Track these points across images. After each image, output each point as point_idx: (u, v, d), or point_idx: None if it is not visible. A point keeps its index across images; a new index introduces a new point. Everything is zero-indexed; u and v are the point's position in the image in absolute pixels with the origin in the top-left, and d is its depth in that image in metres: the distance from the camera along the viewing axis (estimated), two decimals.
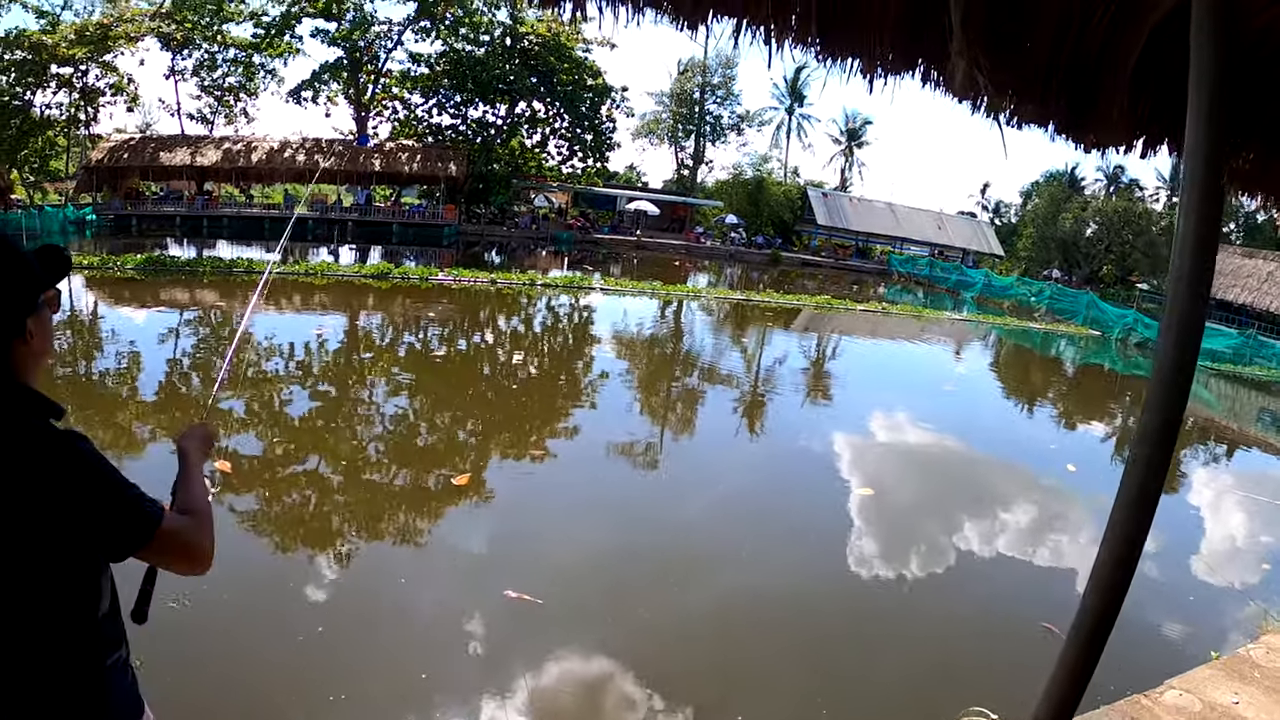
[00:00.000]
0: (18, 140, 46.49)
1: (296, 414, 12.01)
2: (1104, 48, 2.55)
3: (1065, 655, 2.03)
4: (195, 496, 2.20)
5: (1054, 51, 2.58)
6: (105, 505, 1.89)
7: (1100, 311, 35.12)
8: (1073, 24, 2.49)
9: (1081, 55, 2.58)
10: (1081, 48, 2.55)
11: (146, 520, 1.95)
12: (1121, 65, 2.58)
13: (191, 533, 2.05)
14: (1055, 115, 2.90)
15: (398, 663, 5.74)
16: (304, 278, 25.85)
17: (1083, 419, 18.10)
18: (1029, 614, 7.40)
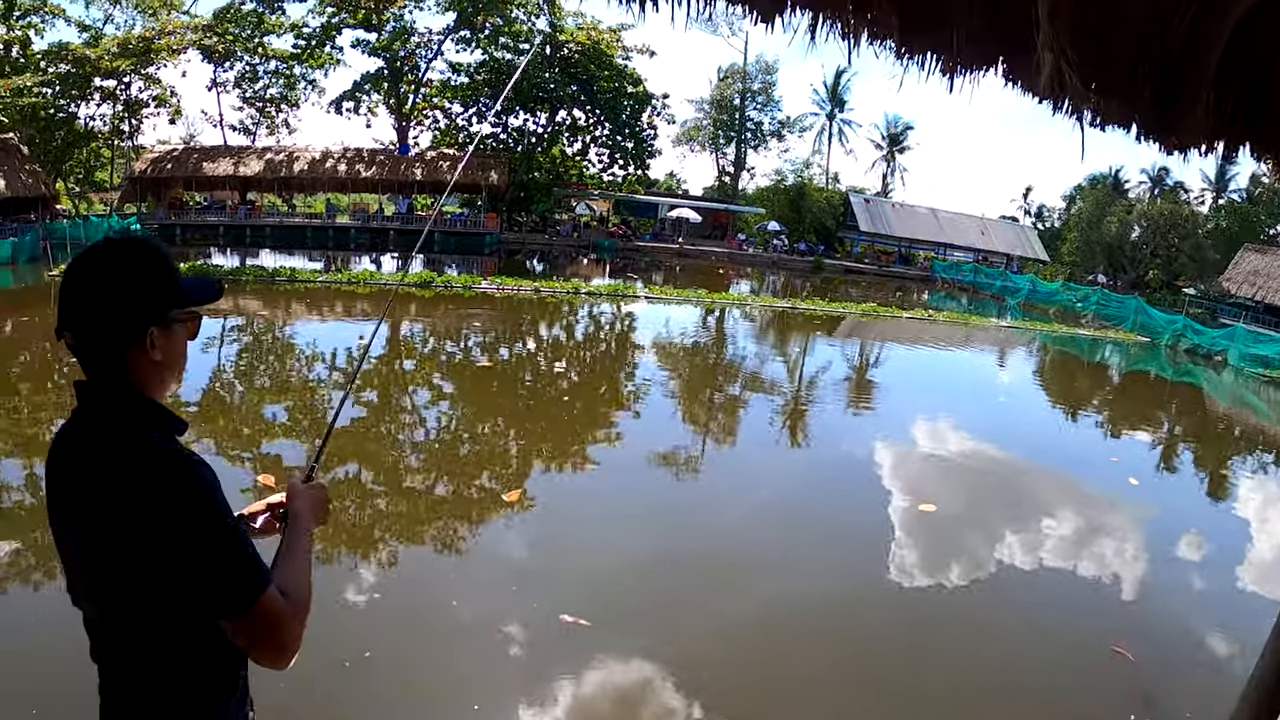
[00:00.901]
0: (63, 151, 47.38)
1: (340, 423, 11.95)
2: (1188, 42, 2.40)
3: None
4: (301, 575, 1.99)
5: (1140, 47, 2.43)
6: (205, 552, 1.76)
7: (1148, 317, 34.62)
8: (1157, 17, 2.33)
9: (1166, 51, 2.42)
10: (1166, 42, 2.40)
11: (250, 587, 1.78)
12: (1205, 61, 2.43)
13: (289, 622, 1.84)
14: (1140, 114, 2.75)
15: (448, 693, 5.63)
16: (347, 286, 25.98)
17: (1139, 429, 17.76)
18: (1095, 636, 7.15)
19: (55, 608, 6.38)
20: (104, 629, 1.87)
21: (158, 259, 1.93)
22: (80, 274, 1.87)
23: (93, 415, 1.86)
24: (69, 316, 1.88)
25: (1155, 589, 8.58)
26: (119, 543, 1.74)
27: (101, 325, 1.87)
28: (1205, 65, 2.47)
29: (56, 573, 6.81)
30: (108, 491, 1.75)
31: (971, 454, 13.15)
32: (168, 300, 1.92)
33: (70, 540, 1.86)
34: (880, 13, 2.45)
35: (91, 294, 1.86)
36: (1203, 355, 30.33)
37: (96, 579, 1.82)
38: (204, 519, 1.76)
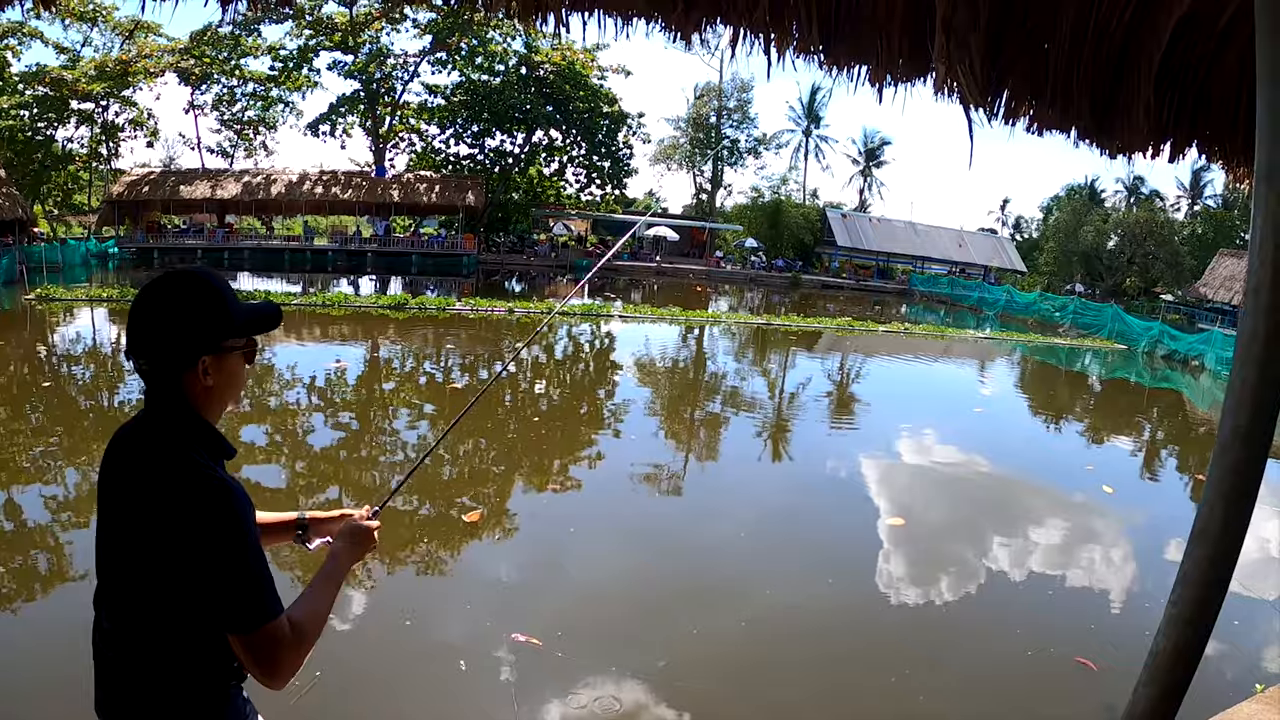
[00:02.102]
0: (40, 174, 47.47)
1: (317, 445, 11.94)
2: (1126, 45, 2.41)
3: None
4: (318, 611, 2.11)
5: (1074, 51, 2.44)
6: (224, 572, 1.89)
7: (1125, 325, 34.82)
8: (1092, 20, 2.35)
9: (1103, 54, 2.44)
10: (1103, 46, 2.41)
11: (259, 612, 1.90)
12: (1145, 63, 2.44)
13: (288, 651, 1.94)
14: (1077, 120, 2.76)
15: (402, 715, 5.58)
16: (322, 309, 25.93)
17: (1115, 436, 17.79)
18: (1061, 646, 7.13)
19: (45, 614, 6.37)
20: (116, 625, 2.00)
21: (211, 291, 2.05)
22: (141, 305, 2.01)
23: (149, 428, 2.01)
24: (131, 343, 2.01)
25: (1123, 596, 8.58)
26: (148, 550, 1.90)
27: (158, 353, 2.00)
28: (1146, 67, 2.48)
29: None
30: (146, 502, 1.90)
31: (946, 466, 13.15)
32: (220, 330, 2.05)
33: (105, 539, 2.02)
34: (801, 27, 2.46)
35: (149, 324, 2.00)
36: (1180, 361, 30.51)
37: (119, 577, 1.98)
38: (231, 541, 1.89)
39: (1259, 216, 1.54)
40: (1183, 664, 1.68)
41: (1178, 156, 2.94)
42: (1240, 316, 1.62)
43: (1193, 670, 1.69)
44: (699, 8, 2.48)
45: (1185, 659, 1.68)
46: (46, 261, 32.83)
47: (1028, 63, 2.55)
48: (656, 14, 2.57)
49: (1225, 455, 1.64)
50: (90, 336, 21.08)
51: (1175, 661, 1.69)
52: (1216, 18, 2.32)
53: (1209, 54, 2.49)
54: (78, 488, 9.46)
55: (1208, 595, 1.69)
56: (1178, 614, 1.71)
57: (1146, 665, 1.73)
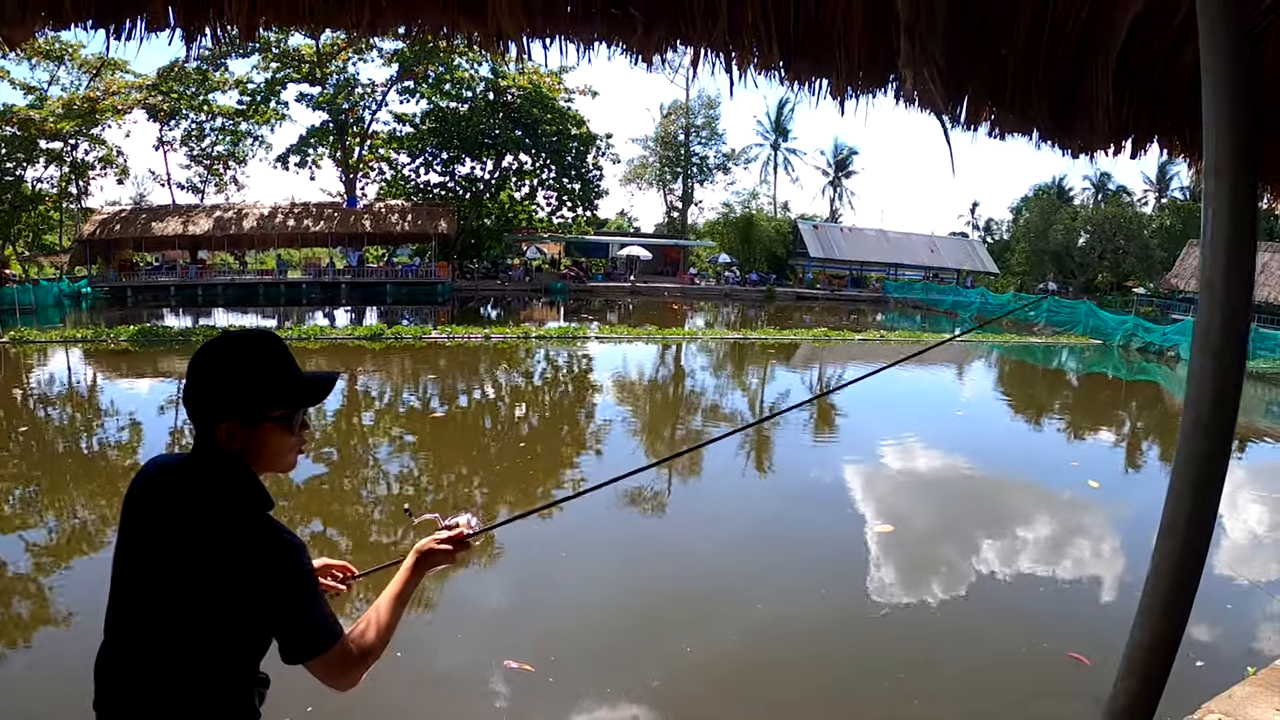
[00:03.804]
0: (10, 215, 47.15)
1: (293, 478, 11.86)
2: (1083, 44, 2.45)
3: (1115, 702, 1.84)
4: (386, 629, 2.31)
5: (1031, 54, 2.48)
6: (294, 617, 2.07)
7: (1099, 320, 35.10)
8: (1048, 22, 2.39)
9: (1060, 55, 2.48)
10: (1059, 48, 2.45)
11: (323, 642, 2.08)
12: (1103, 61, 2.48)
13: (352, 667, 2.16)
14: (1038, 122, 2.79)
15: None
16: (298, 342, 25.84)
17: (1097, 431, 17.91)
18: (1053, 642, 7.17)
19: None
20: (148, 648, 2.06)
21: (246, 358, 2.18)
22: (193, 362, 2.16)
23: (201, 474, 2.11)
24: (185, 395, 2.17)
25: (1114, 590, 8.63)
26: (212, 591, 2.01)
27: (191, 409, 2.15)
28: (1104, 65, 2.52)
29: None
30: (214, 550, 2.01)
31: (931, 470, 13.20)
32: (245, 399, 2.13)
33: (140, 570, 2.08)
34: (761, 45, 2.49)
35: (190, 378, 2.15)
36: (1155, 352, 30.78)
37: (160, 607, 2.04)
38: (303, 591, 2.08)
39: (1209, 210, 1.57)
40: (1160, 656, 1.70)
41: (1139, 152, 2.97)
42: (1196, 310, 1.65)
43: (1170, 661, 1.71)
44: (658, 30, 2.51)
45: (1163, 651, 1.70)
46: (19, 303, 32.67)
47: (986, 67, 2.58)
48: (616, 37, 2.59)
49: (1188, 446, 1.66)
50: (65, 378, 20.94)
51: (1153, 654, 1.71)
52: (1171, 15, 2.35)
53: (1165, 51, 2.53)
54: (57, 530, 9.40)
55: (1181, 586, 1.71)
56: (1152, 605, 1.73)
57: (1125, 658, 1.75)
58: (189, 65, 48.77)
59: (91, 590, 2.18)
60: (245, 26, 2.53)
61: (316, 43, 48.23)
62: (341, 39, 47.33)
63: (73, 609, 7.26)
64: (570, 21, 2.57)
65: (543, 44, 2.64)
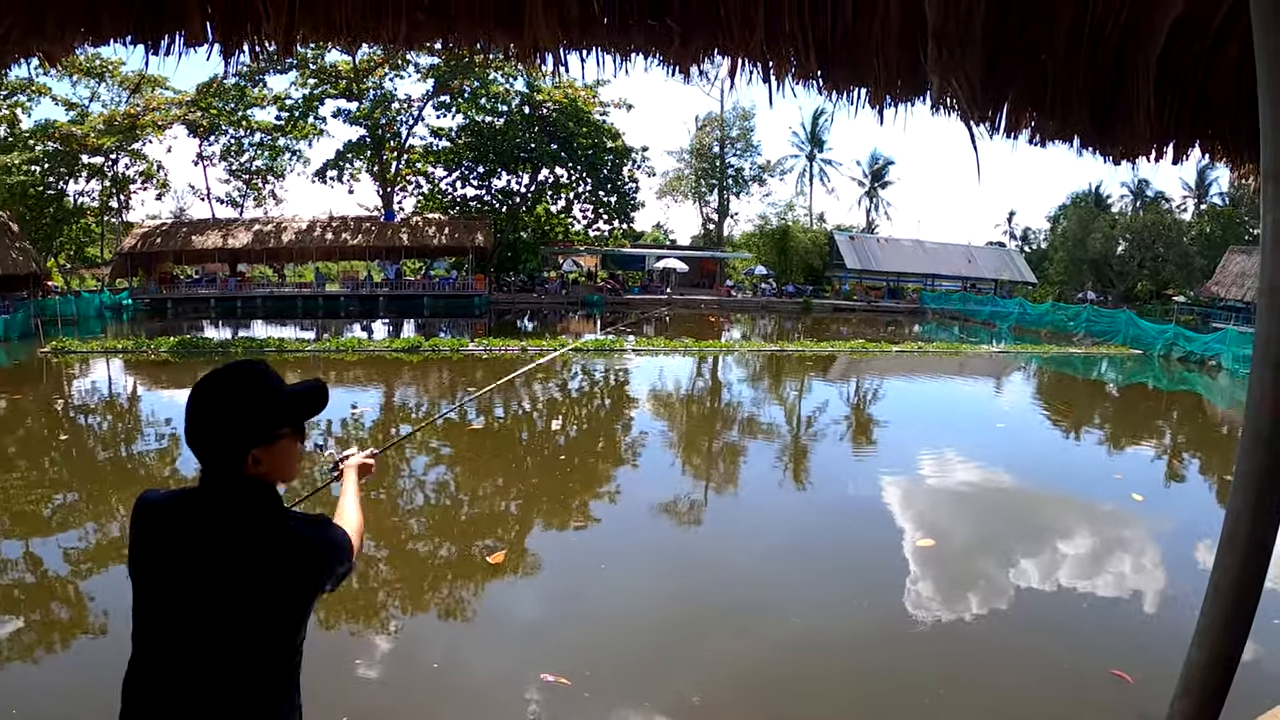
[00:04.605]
0: (53, 228, 48.10)
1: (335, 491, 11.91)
2: (1122, 48, 2.41)
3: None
4: (362, 519, 2.80)
5: (1071, 60, 2.44)
6: (338, 582, 2.38)
7: (1139, 329, 34.69)
8: (1087, 27, 2.35)
9: (1100, 61, 2.44)
10: (1099, 53, 2.41)
11: (351, 558, 2.43)
12: (1143, 65, 2.43)
13: (359, 547, 2.59)
14: (1079, 128, 2.75)
15: None
16: (335, 354, 26.05)
17: (1139, 443, 17.67)
18: (1096, 659, 7.05)
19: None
20: (206, 666, 2.15)
21: (255, 385, 2.25)
22: (193, 403, 2.20)
23: (225, 502, 2.21)
24: (188, 437, 2.23)
25: (1158, 606, 8.49)
26: (267, 599, 2.18)
27: (211, 449, 2.21)
28: (1145, 70, 2.48)
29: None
30: (280, 565, 2.19)
31: (972, 483, 13.03)
32: (269, 423, 2.24)
33: (185, 600, 2.16)
34: (798, 54, 2.47)
35: (201, 421, 2.20)
36: (1196, 362, 30.38)
37: (215, 629, 2.14)
38: (336, 556, 2.35)
39: (1268, 215, 1.53)
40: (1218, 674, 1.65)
41: (1181, 158, 2.93)
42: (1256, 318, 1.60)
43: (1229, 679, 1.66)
44: (696, 40, 2.50)
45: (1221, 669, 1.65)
46: (61, 314, 33.28)
47: (1026, 74, 2.55)
48: (654, 49, 2.58)
49: (1248, 461, 1.61)
50: (105, 388, 21.18)
51: (1211, 671, 1.66)
52: (1211, 17, 2.32)
53: (1205, 53, 2.49)
54: (97, 537, 9.50)
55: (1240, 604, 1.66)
56: (1210, 623, 1.68)
57: (1182, 676, 1.70)
58: (228, 81, 49.41)
59: (126, 595, 2.20)
60: (283, 41, 2.54)
61: (353, 59, 48.65)
62: (378, 55, 47.75)
63: (108, 612, 7.35)
64: (607, 33, 2.56)
65: (580, 56, 2.64)
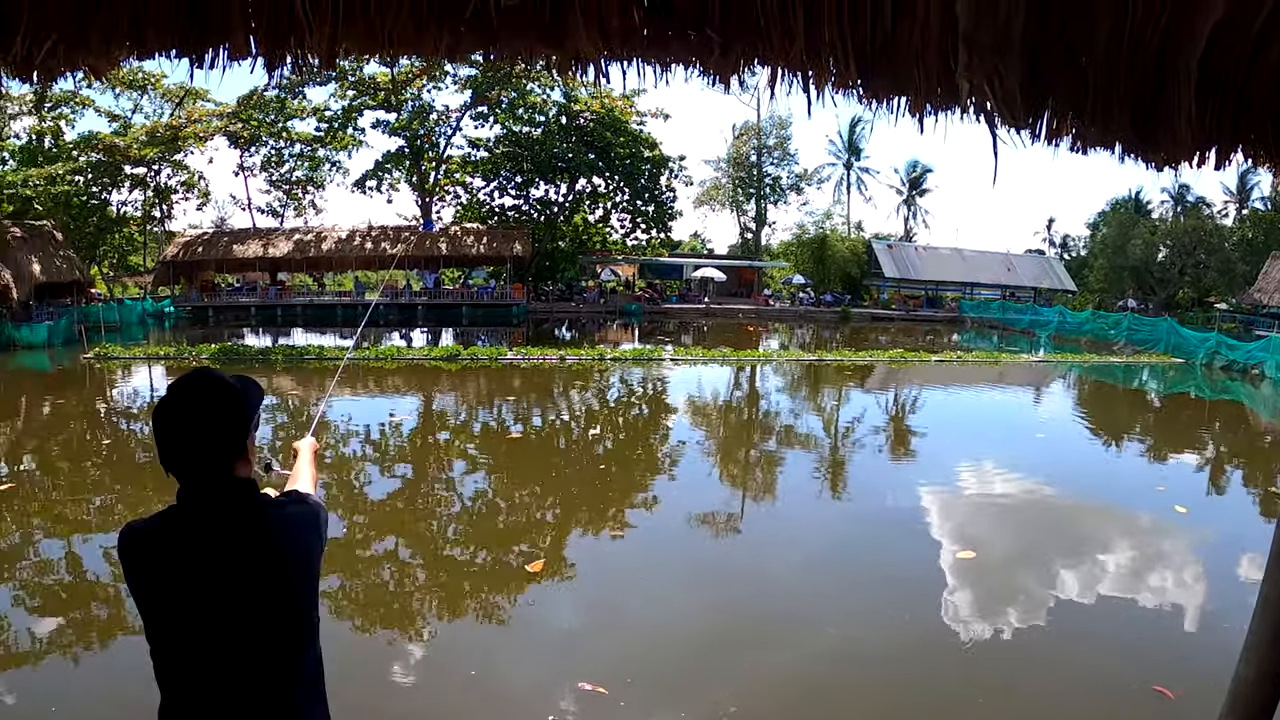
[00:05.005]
0: (96, 237, 48.95)
1: (373, 497, 12.05)
2: (1163, 53, 2.40)
3: None
4: (313, 473, 3.02)
5: (1110, 63, 2.44)
6: (321, 534, 2.46)
7: (1180, 338, 34.29)
8: (1128, 31, 2.34)
9: (1140, 64, 2.43)
10: (1139, 58, 2.41)
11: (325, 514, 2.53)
12: (1184, 70, 2.42)
13: None
14: (1120, 135, 2.74)
15: None
16: (375, 362, 26.27)
17: (1182, 454, 17.43)
18: (1138, 673, 6.97)
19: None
20: (251, 655, 2.23)
21: (231, 395, 2.29)
22: (176, 420, 2.23)
23: (217, 506, 2.24)
24: (176, 456, 2.23)
25: (1201, 621, 8.38)
26: (291, 580, 2.30)
27: (203, 461, 2.24)
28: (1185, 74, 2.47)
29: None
30: (276, 541, 2.29)
31: (1012, 494, 12.91)
32: (248, 424, 2.33)
33: (223, 607, 2.19)
34: (838, 62, 2.48)
35: (193, 436, 2.23)
36: (1239, 370, 29.96)
37: (256, 628, 2.23)
38: (322, 523, 2.49)
39: None
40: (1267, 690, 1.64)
41: (1224, 163, 2.90)
42: None
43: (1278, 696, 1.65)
44: (735, 51, 2.51)
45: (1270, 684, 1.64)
46: (104, 321, 33.84)
47: (1067, 79, 2.54)
48: (694, 59, 2.60)
49: None
50: (147, 393, 21.46)
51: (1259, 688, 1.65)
52: (1252, 21, 2.31)
53: (1246, 56, 2.47)
54: None
55: None
56: (1259, 639, 1.67)
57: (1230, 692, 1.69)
58: (268, 93, 50.01)
59: None
60: (326, 54, 2.58)
61: (391, 70, 49.07)
62: (416, 66, 48.10)
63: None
64: (648, 44, 2.58)
65: (620, 67, 2.67)
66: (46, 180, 42.58)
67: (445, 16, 2.46)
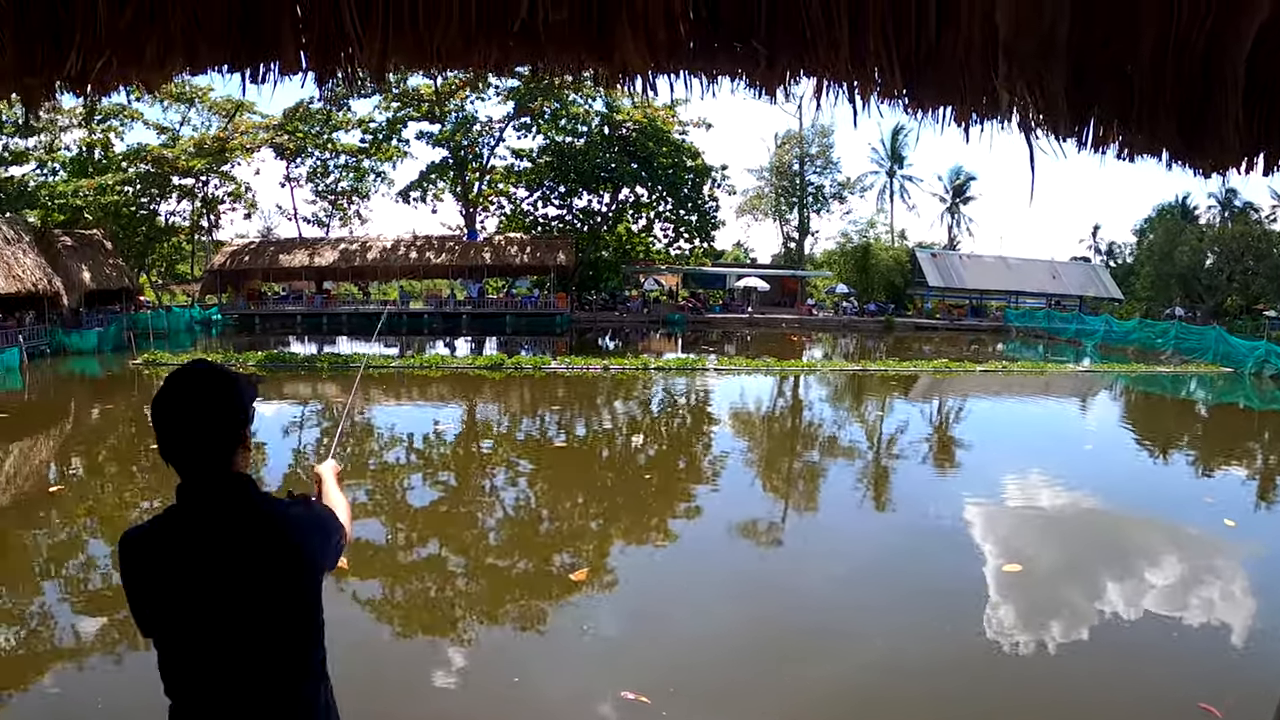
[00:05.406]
0: (145, 246, 49.72)
1: (418, 504, 12.14)
2: (1208, 57, 2.39)
3: None
4: (344, 499, 2.78)
5: (1156, 69, 2.43)
6: (329, 540, 2.42)
7: (1229, 346, 33.63)
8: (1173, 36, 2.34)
9: (1185, 69, 2.42)
10: (1185, 62, 2.40)
11: (341, 530, 2.51)
12: (1230, 74, 2.41)
13: (348, 529, 2.61)
14: (1167, 141, 2.73)
15: None
16: (419, 370, 26.48)
17: (1231, 466, 17.14)
18: (1183, 691, 6.86)
19: None
20: (246, 658, 2.23)
21: (230, 384, 2.30)
22: (176, 409, 2.25)
23: (214, 504, 2.25)
24: (177, 447, 2.26)
25: (1248, 638, 8.24)
26: (292, 584, 2.28)
27: (203, 452, 2.25)
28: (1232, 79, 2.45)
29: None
30: (269, 545, 2.24)
31: (1060, 507, 12.75)
32: (247, 412, 2.34)
33: (220, 602, 2.20)
34: (884, 73, 2.49)
35: (194, 425, 2.24)
36: None
37: (255, 616, 2.22)
38: (336, 529, 2.48)
39: None
40: None
41: (1272, 168, 2.87)
42: None
43: None
44: (781, 62, 2.53)
45: None
46: (153, 328, 34.53)
47: (1113, 87, 2.54)
48: (740, 71, 2.63)
49: None
50: None
51: None
52: None
53: None
54: None
55: None
56: None
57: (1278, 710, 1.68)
58: (313, 106, 50.64)
59: None
60: (376, 68, 2.62)
61: (435, 82, 49.44)
62: (459, 78, 48.46)
63: None
64: (694, 57, 2.61)
65: (668, 79, 2.70)
66: (96, 190, 43.49)
67: (493, 30, 2.49)
